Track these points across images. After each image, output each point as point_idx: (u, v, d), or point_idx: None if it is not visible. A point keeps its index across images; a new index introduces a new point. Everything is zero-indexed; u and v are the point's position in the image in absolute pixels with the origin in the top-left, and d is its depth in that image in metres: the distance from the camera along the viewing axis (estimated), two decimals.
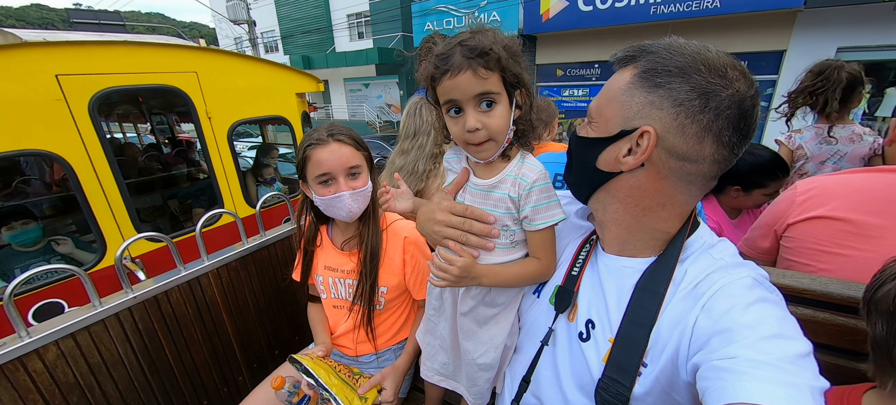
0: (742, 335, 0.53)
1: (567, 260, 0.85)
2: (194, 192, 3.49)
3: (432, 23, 11.54)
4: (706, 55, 0.61)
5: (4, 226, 2.26)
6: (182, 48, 2.55)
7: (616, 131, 0.66)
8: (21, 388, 1.12)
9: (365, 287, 1.20)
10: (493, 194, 0.82)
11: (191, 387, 1.54)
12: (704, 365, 0.55)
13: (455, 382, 1.02)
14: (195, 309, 1.50)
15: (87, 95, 2.11)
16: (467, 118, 0.73)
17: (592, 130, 0.71)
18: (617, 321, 0.69)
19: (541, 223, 0.79)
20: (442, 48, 0.74)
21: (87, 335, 1.23)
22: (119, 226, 2.32)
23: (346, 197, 1.10)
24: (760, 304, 0.57)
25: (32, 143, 1.96)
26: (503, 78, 0.73)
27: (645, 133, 0.62)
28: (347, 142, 1.10)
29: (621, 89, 0.65)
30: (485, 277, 0.80)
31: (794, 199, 1.22)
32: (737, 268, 0.64)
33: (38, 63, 1.94)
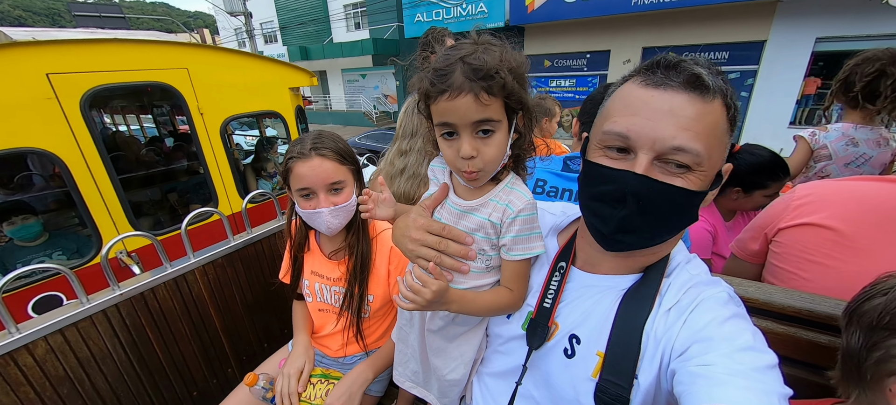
0: (718, 346, 0.57)
1: (537, 287, 0.82)
2: (192, 187, 3.53)
3: (422, 14, 11.64)
4: None
5: (5, 221, 2.33)
6: (172, 45, 2.56)
7: (714, 176, 0.63)
8: (12, 381, 1.17)
9: (353, 297, 1.20)
10: (470, 216, 0.77)
11: (180, 380, 1.59)
12: (681, 370, 0.58)
13: (425, 391, 1.02)
14: (182, 305, 1.54)
15: (79, 93, 2.14)
16: (462, 144, 0.67)
17: (701, 181, 0.60)
18: (605, 333, 0.68)
19: (518, 254, 0.76)
20: (441, 61, 0.66)
21: (75, 330, 1.27)
22: (114, 221, 2.37)
23: (325, 213, 1.09)
24: (735, 319, 0.61)
25: (25, 142, 2.00)
26: (506, 104, 0.66)
27: (727, 170, 0.65)
28: (330, 156, 1.07)
29: (723, 129, 0.60)
30: (454, 304, 0.75)
31: (789, 203, 1.19)
32: (712, 284, 0.67)
33: (28, 62, 1.97)
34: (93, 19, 12.65)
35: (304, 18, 19.36)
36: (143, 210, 3.22)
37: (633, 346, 0.64)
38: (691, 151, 0.57)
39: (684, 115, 0.57)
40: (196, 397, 1.65)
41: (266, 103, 3.09)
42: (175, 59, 2.49)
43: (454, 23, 11.21)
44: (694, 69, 0.58)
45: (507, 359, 0.86)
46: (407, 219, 0.82)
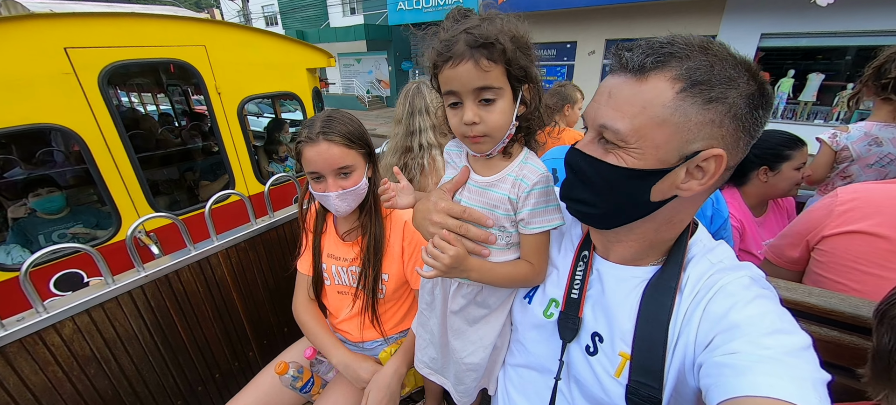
0: (743, 331, 0.53)
1: (562, 274, 0.81)
2: (209, 167, 3.52)
3: (403, 3, 12.11)
4: (737, 56, 0.57)
5: (31, 192, 2.34)
6: (191, 20, 2.50)
7: (674, 159, 0.58)
8: (40, 360, 1.16)
9: (368, 277, 1.19)
10: (490, 193, 0.78)
11: (203, 362, 1.59)
12: (707, 363, 0.55)
13: (443, 378, 1.03)
14: (206, 287, 1.53)
15: (97, 68, 2.10)
16: (465, 111, 0.70)
17: (635, 158, 0.59)
18: (628, 331, 0.67)
19: (536, 227, 0.77)
20: (447, 33, 0.69)
21: (101, 311, 1.26)
22: (132, 199, 2.36)
23: (333, 197, 1.07)
24: (759, 300, 0.57)
25: (43, 117, 1.97)
26: (509, 71, 0.68)
27: (712, 158, 0.57)
28: (338, 141, 1.04)
29: (668, 107, 0.55)
30: (474, 272, 0.77)
31: (832, 209, 1.11)
32: (734, 269, 0.63)
33: (46, 35, 1.92)
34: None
35: (303, 2, 19.80)
36: (160, 189, 3.22)
37: (659, 345, 0.62)
38: (611, 128, 0.60)
39: (615, 95, 0.60)
40: (218, 379, 1.65)
41: (283, 84, 3.03)
42: (193, 36, 2.43)
43: (432, 11, 11.70)
44: (624, 54, 0.60)
45: (534, 350, 0.84)
46: (427, 202, 0.82)
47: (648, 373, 0.62)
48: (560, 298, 0.79)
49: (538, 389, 0.83)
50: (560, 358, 0.77)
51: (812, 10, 6.40)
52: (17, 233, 2.33)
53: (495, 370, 0.96)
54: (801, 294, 0.87)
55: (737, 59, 0.57)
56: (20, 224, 2.38)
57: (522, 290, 0.88)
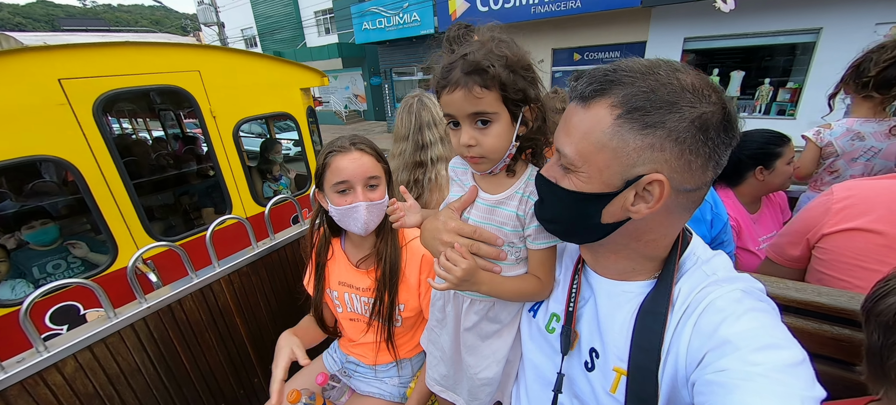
0: (734, 347, 0.53)
1: (564, 288, 0.83)
2: (204, 190, 3.49)
3: (368, 22, 13.13)
4: (681, 78, 0.56)
5: (25, 225, 2.30)
6: (184, 47, 2.51)
7: (619, 183, 0.59)
8: (43, 402, 1.13)
9: (383, 306, 1.17)
10: (499, 210, 0.80)
11: (208, 391, 1.56)
12: (699, 381, 0.55)
13: (454, 394, 1.02)
14: (209, 315, 1.51)
15: (92, 98, 2.09)
16: (462, 134, 0.73)
17: (582, 182, 0.62)
18: (622, 348, 0.67)
19: (542, 242, 0.79)
20: (449, 58, 0.72)
21: (103, 346, 1.23)
22: (129, 227, 2.33)
23: (362, 207, 1.07)
24: (750, 314, 0.57)
25: (38, 149, 1.96)
26: (505, 96, 0.70)
27: (655, 182, 0.58)
28: (368, 151, 1.08)
29: (607, 133, 0.57)
30: (485, 285, 0.78)
31: (829, 207, 1.14)
32: (728, 282, 0.63)
33: (40, 68, 1.92)
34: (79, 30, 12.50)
35: (280, 25, 20.53)
36: (156, 215, 3.18)
37: (652, 370, 0.63)
38: (561, 151, 0.64)
39: (569, 122, 0.64)
40: None
41: (278, 104, 3.04)
42: (187, 62, 2.44)
43: (394, 30, 12.61)
44: (573, 83, 0.64)
45: (538, 363, 0.86)
46: (436, 221, 0.83)
47: (642, 400, 0.63)
48: (561, 312, 0.80)
49: (542, 402, 0.83)
50: (559, 371, 0.78)
51: (725, 15, 7.30)
52: (14, 267, 2.29)
53: (509, 383, 0.96)
54: (810, 294, 0.88)
55: (682, 82, 0.56)
56: (14, 257, 2.33)
57: (528, 304, 0.89)
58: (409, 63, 14.40)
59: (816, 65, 7.47)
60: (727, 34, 8.14)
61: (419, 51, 13.30)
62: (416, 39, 12.65)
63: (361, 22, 13.33)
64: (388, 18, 12.56)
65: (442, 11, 10.86)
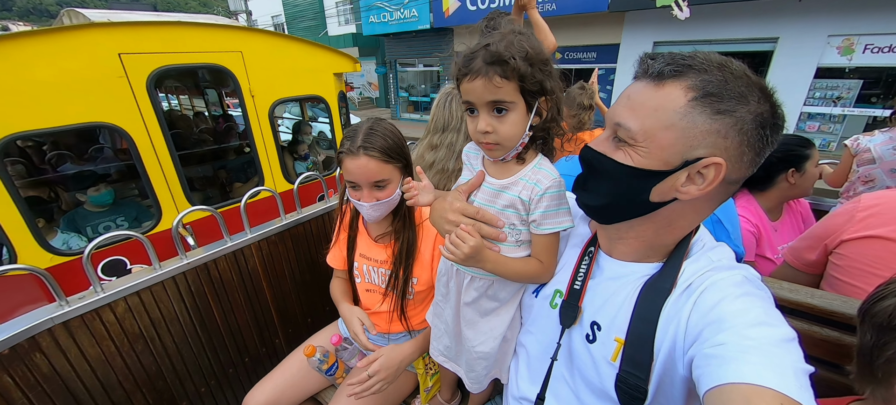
0: (729, 324, 0.57)
1: (568, 268, 0.87)
2: (240, 166, 3.71)
3: (374, 16, 14.42)
4: (750, 75, 0.61)
5: (92, 187, 2.56)
6: (230, 28, 2.67)
7: (678, 162, 0.61)
8: (97, 335, 1.30)
9: (398, 280, 1.25)
10: (504, 194, 0.84)
11: (235, 346, 1.71)
12: (697, 355, 0.58)
13: (456, 365, 1.09)
14: (239, 276, 1.65)
15: (146, 72, 2.28)
16: (479, 121, 0.76)
17: (641, 158, 0.63)
18: (623, 321, 0.71)
19: (547, 228, 0.82)
20: (469, 49, 0.76)
21: (149, 293, 1.39)
22: (172, 193, 2.54)
23: (366, 207, 1.14)
24: (747, 297, 0.60)
25: (98, 116, 2.16)
26: (523, 87, 0.73)
27: (712, 165, 0.60)
28: (376, 156, 1.09)
29: (678, 112, 0.60)
30: (489, 263, 0.82)
31: (853, 214, 1.13)
32: (729, 268, 0.66)
33: (103, 42, 2.11)
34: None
35: (305, 13, 21.63)
36: (195, 185, 3.41)
37: (649, 336, 0.66)
38: (623, 125, 0.65)
39: (633, 98, 0.66)
40: (247, 363, 1.77)
41: (312, 87, 3.18)
42: (231, 43, 2.60)
43: (395, 24, 13.79)
44: (647, 62, 0.65)
45: (539, 337, 0.91)
46: (444, 202, 0.89)
47: (638, 365, 0.67)
48: (564, 289, 0.85)
49: (539, 370, 0.89)
50: (558, 341, 0.83)
51: (689, 23, 7.84)
52: (68, 223, 2.55)
53: (506, 361, 1.01)
54: (803, 295, 0.89)
55: (752, 79, 0.60)
56: (70, 215, 2.59)
57: (531, 286, 0.94)
58: (411, 55, 15.16)
59: (773, 72, 8.15)
60: (693, 40, 8.89)
61: (418, 44, 14.27)
62: (415, 34, 13.63)
63: (368, 15, 14.58)
64: (391, 13, 13.77)
65: (436, 9, 12.06)
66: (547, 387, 0.86)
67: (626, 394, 0.69)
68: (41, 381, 1.19)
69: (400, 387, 1.33)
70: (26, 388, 1.16)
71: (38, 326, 1.16)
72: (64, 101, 2.03)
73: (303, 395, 1.37)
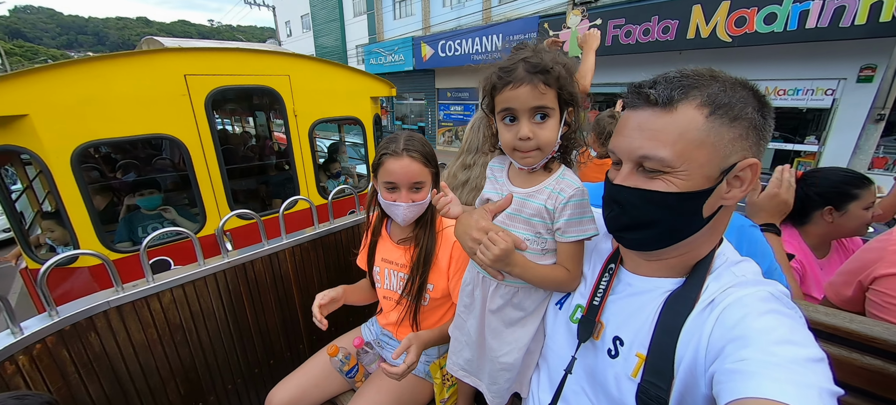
0: (753, 341, 0.56)
1: (590, 283, 0.87)
2: (279, 182, 3.95)
3: (374, 58, 17.37)
4: (733, 77, 0.66)
5: (138, 192, 2.82)
6: (279, 54, 2.93)
7: (717, 174, 0.64)
8: (144, 322, 1.41)
9: (414, 284, 1.30)
10: (529, 203, 0.87)
11: (262, 346, 1.79)
12: (718, 371, 0.57)
13: (476, 379, 1.07)
14: (272, 279, 1.74)
15: (205, 91, 2.53)
16: (521, 127, 0.80)
17: (683, 180, 0.64)
18: (646, 336, 0.71)
19: (572, 236, 0.84)
20: (505, 62, 0.81)
21: (192, 287, 1.50)
22: (217, 202, 2.74)
23: (403, 207, 1.21)
24: (773, 314, 0.59)
25: (163, 129, 2.41)
26: (559, 95, 0.79)
27: (748, 167, 0.64)
28: (418, 159, 1.19)
29: (703, 129, 0.62)
30: (517, 267, 0.84)
31: (886, 248, 1.08)
32: (755, 284, 0.65)
33: (172, 64, 2.39)
34: None
35: (332, 54, 22.68)
36: (239, 198, 3.65)
37: (671, 348, 0.66)
38: (655, 158, 0.65)
39: (649, 127, 0.66)
40: (272, 365, 1.84)
41: (349, 110, 3.38)
42: (280, 67, 2.85)
43: (388, 66, 16.63)
44: (645, 90, 0.66)
45: (558, 351, 0.91)
46: (470, 218, 0.90)
47: (659, 374, 0.66)
48: (584, 304, 0.85)
49: (556, 383, 0.89)
50: (573, 355, 0.84)
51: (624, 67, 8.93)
52: (125, 224, 2.80)
53: (528, 373, 1.00)
54: (841, 320, 0.84)
55: (736, 80, 0.65)
56: (127, 217, 2.85)
57: (555, 297, 0.94)
58: (402, 91, 17.52)
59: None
60: (613, 82, 9.73)
61: (407, 82, 16.69)
62: (404, 73, 16.29)
63: (369, 58, 17.73)
64: (384, 57, 16.89)
65: (417, 55, 15.18)
66: (559, 396, 0.86)
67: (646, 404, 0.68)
68: (92, 359, 1.31)
69: (415, 398, 1.34)
70: (79, 364, 1.28)
71: (96, 307, 1.29)
72: (136, 114, 2.29)
73: (323, 397, 1.41)
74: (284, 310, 1.83)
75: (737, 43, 7.68)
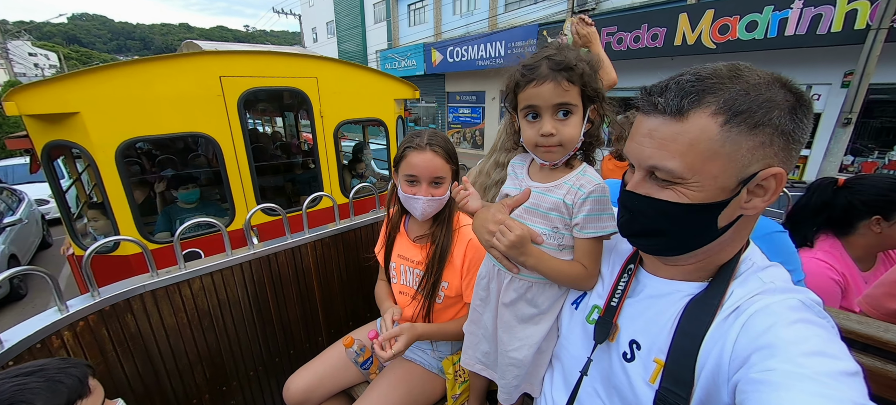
0: (781, 350, 0.52)
1: (608, 284, 0.85)
2: (304, 180, 4.08)
3: (389, 64, 18.34)
4: (761, 73, 0.59)
5: (180, 186, 2.99)
6: (308, 57, 3.05)
7: (734, 186, 0.59)
8: (176, 306, 1.49)
9: (429, 280, 1.31)
10: (548, 197, 0.87)
11: (283, 337, 1.85)
12: (743, 381, 0.55)
13: (493, 373, 1.07)
14: (294, 272, 1.81)
15: (239, 92, 2.66)
16: (544, 123, 0.81)
17: (695, 192, 0.61)
18: (665, 341, 0.69)
19: (590, 232, 0.83)
20: (529, 59, 0.82)
21: (220, 276, 1.58)
22: (245, 198, 2.87)
23: (422, 201, 1.23)
24: (804, 324, 0.55)
25: (198, 127, 2.55)
26: (583, 92, 0.79)
27: (775, 175, 0.59)
28: (441, 154, 1.22)
29: (716, 140, 0.57)
30: (532, 257, 0.84)
31: None
32: (784, 291, 0.61)
33: (209, 67, 2.52)
34: None
35: (354, 59, 25.39)
36: (267, 194, 3.80)
37: (691, 355, 0.63)
38: (664, 169, 0.61)
39: (659, 136, 0.62)
40: (292, 355, 1.90)
41: (373, 111, 3.46)
42: (309, 70, 2.96)
43: (401, 70, 17.39)
44: (653, 99, 0.62)
45: (573, 351, 0.89)
46: (487, 212, 0.90)
47: (678, 382, 0.64)
48: (602, 305, 0.83)
49: (570, 384, 0.87)
50: (589, 357, 0.82)
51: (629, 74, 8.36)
52: (163, 217, 2.97)
53: (539, 373, 0.99)
54: (875, 329, 0.80)
55: (769, 77, 0.58)
56: (166, 210, 3.02)
57: (571, 296, 0.93)
58: None
59: None
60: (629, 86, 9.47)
61: (420, 85, 17.55)
62: (417, 78, 16.98)
63: (385, 63, 18.81)
64: (398, 62, 17.97)
65: (428, 60, 16.25)
66: (574, 399, 0.84)
67: None
68: (128, 339, 1.40)
69: (427, 393, 1.35)
70: (117, 343, 1.37)
71: (134, 290, 1.38)
72: (175, 113, 2.43)
73: (338, 387, 1.45)
74: (305, 303, 1.89)
75: (720, 50, 8.07)
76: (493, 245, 0.84)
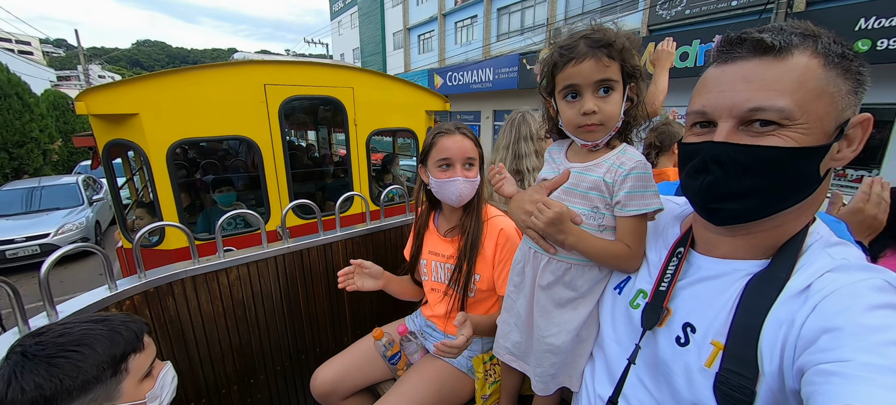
0: (859, 336, 0.47)
1: (655, 269, 0.81)
2: (337, 188, 4.20)
3: (401, 67, 20.47)
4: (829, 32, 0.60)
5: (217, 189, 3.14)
6: (346, 68, 3.18)
7: (833, 130, 0.57)
8: (212, 293, 1.54)
9: (462, 273, 1.29)
10: (587, 176, 0.84)
11: (311, 334, 1.87)
12: (811, 368, 0.49)
13: (524, 364, 1.02)
14: (324, 268, 1.83)
15: (280, 99, 2.80)
16: (585, 102, 0.79)
17: (802, 135, 0.56)
18: (724, 322, 0.64)
19: (633, 210, 0.79)
20: (564, 40, 0.81)
21: (255, 267, 1.62)
22: (281, 201, 2.97)
23: (460, 181, 1.24)
24: (888, 310, 0.49)
25: (242, 131, 2.70)
26: (622, 68, 0.78)
27: (863, 122, 0.59)
28: (469, 136, 1.28)
29: (822, 79, 0.56)
30: (571, 235, 0.81)
31: None
32: (864, 270, 0.55)
33: (255, 75, 2.68)
34: None
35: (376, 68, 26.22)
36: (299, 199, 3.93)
37: (755, 331, 0.58)
38: (772, 108, 0.57)
39: (759, 77, 0.58)
40: (318, 352, 1.91)
41: (404, 121, 3.54)
42: (346, 80, 3.08)
43: (415, 73, 19.07)
44: (755, 35, 0.60)
45: (618, 338, 0.84)
46: (524, 194, 0.90)
47: (742, 362, 0.58)
48: (648, 290, 0.78)
49: (615, 373, 0.81)
50: (637, 343, 0.76)
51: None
52: (204, 217, 3.12)
53: (578, 365, 0.93)
54: None
55: (835, 34, 0.59)
56: (206, 211, 3.18)
57: (614, 281, 0.88)
58: None
59: None
60: None
61: None
62: None
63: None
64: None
65: (431, 84, 17.37)
66: (621, 391, 0.78)
67: (728, 397, 0.59)
68: (167, 322, 1.45)
69: (457, 391, 1.30)
70: (157, 325, 1.42)
71: (176, 275, 1.44)
72: (221, 117, 2.59)
73: (365, 381, 1.43)
74: (333, 301, 1.90)
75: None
76: (531, 224, 0.82)
